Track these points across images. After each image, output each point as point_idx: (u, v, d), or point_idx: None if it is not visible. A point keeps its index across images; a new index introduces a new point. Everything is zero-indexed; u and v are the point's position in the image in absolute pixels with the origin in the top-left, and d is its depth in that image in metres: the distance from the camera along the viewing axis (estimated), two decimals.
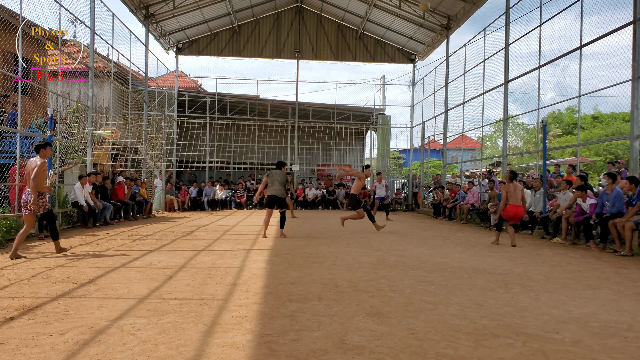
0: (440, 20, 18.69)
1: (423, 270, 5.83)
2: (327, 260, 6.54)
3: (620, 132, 24.25)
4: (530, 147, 30.55)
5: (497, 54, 14.94)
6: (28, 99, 12.37)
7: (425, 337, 3.25)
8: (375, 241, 8.88)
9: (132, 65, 17.02)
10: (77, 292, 4.45)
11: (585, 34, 10.73)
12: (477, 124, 16.71)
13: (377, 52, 23.67)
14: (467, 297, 4.44)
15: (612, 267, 6.39)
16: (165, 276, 5.26)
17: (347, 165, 10.71)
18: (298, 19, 23.24)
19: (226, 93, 22.77)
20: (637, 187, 7.81)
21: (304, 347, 3.02)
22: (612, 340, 3.28)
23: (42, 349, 2.94)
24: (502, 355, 2.95)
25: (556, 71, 14.51)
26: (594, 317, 3.82)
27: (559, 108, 31.86)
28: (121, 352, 2.90)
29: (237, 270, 5.68)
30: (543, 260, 6.89)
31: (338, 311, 3.88)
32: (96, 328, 3.36)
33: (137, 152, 18.15)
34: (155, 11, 18.35)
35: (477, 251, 7.75)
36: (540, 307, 4.11)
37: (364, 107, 24.56)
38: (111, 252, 7.10)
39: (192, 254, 6.99)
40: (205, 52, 23.28)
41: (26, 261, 6.19)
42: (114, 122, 16.35)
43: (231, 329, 3.39)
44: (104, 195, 12.11)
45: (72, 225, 10.98)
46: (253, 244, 8.22)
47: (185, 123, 22.36)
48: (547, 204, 10.51)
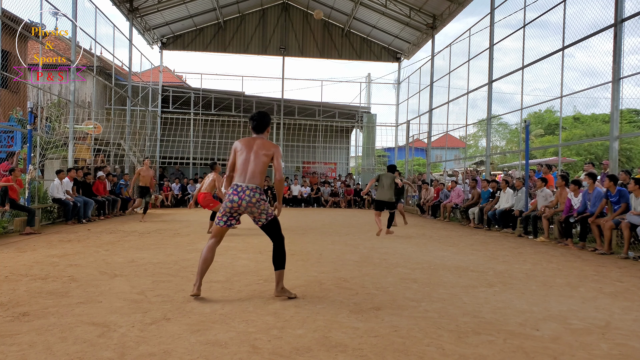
0: (425, 20, 18.80)
1: (406, 268, 5.87)
2: (312, 257, 6.54)
3: (600, 133, 24.69)
4: (512, 146, 30.93)
5: (482, 54, 15.09)
6: (7, 92, 12.13)
7: (408, 335, 3.28)
8: (360, 239, 8.91)
9: (115, 60, 16.79)
10: (57, 289, 4.38)
11: (567, 36, 10.90)
12: (461, 124, 16.88)
13: (363, 50, 23.72)
14: (450, 295, 4.48)
15: (591, 265, 6.51)
16: (148, 273, 5.20)
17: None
18: (284, 15, 23.16)
19: (211, 89, 22.61)
20: (616, 186, 7.96)
21: (287, 345, 3.02)
22: (590, 337, 3.34)
23: (19, 347, 2.88)
24: (483, 352, 2.98)
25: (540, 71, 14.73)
26: (573, 315, 3.89)
27: (540, 108, 32.30)
28: (102, 349, 2.86)
29: (221, 267, 5.65)
30: (524, 258, 6.99)
31: (321, 309, 3.89)
32: (76, 326, 3.30)
33: (120, 148, 17.93)
34: (140, 5, 18.11)
35: (460, 249, 7.82)
36: (521, 305, 4.17)
37: (350, 105, 24.62)
38: (92, 248, 7.00)
39: (174, 250, 6.93)
40: (190, 47, 23.07)
41: (4, 258, 6.07)
42: (97, 117, 16.11)
43: (214, 326, 3.37)
44: (86, 191, 11.93)
45: (53, 221, 10.79)
46: (237, 241, 8.18)
47: (169, 119, 22.17)
48: (529, 203, 10.66)
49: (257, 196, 4.05)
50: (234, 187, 4.10)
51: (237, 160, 4.20)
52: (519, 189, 10.95)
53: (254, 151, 4.16)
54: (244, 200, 4.03)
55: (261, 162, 4.13)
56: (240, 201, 4.04)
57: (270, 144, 4.25)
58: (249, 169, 4.12)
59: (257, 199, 4.05)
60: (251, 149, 4.18)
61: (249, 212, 4.11)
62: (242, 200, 4.03)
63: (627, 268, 6.32)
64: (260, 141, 4.22)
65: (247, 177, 4.09)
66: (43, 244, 7.35)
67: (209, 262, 4.18)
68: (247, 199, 4.03)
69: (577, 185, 8.88)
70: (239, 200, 4.04)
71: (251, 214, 4.13)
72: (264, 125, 4.34)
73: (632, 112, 25.32)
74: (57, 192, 10.67)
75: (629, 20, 9.03)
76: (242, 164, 4.15)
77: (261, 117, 4.34)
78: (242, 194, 4.04)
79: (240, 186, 4.07)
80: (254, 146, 4.19)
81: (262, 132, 4.34)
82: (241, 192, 4.04)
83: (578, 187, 8.87)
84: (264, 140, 4.25)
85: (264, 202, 4.10)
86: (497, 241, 9.13)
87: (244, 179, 4.09)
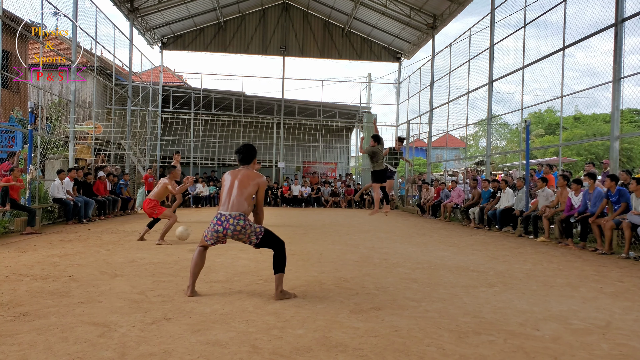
0: (426, 20, 18.79)
1: (407, 268, 5.86)
2: (312, 257, 6.54)
3: (601, 132, 24.69)
4: (513, 146, 30.93)
5: (482, 54, 15.09)
6: (7, 92, 12.15)
7: (409, 335, 3.27)
8: (360, 239, 8.91)
9: (115, 60, 16.80)
10: (58, 289, 4.38)
11: (568, 36, 10.90)
12: (462, 124, 16.87)
13: (364, 50, 23.72)
14: (450, 295, 4.48)
15: (592, 265, 6.50)
16: (148, 273, 5.20)
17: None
18: (284, 15, 23.15)
19: (211, 89, 22.62)
20: (617, 185, 7.96)
21: (288, 345, 3.02)
22: (591, 337, 3.34)
23: (20, 347, 2.89)
24: (484, 352, 2.98)
25: (541, 71, 14.72)
26: (573, 315, 3.89)
27: (541, 108, 32.30)
28: (103, 349, 2.87)
29: (222, 267, 5.65)
30: (525, 258, 6.99)
31: (322, 309, 3.89)
32: (76, 325, 3.31)
33: (120, 148, 17.94)
34: (140, 5, 18.12)
35: (460, 249, 7.82)
36: (521, 305, 4.17)
37: (350, 105, 24.61)
38: (93, 248, 7.00)
39: (175, 250, 6.93)
40: (190, 47, 23.08)
41: (5, 258, 6.08)
42: (97, 117, 16.12)
43: (214, 326, 3.37)
44: (86, 191, 11.93)
45: (53, 221, 10.80)
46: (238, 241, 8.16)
47: (169, 118, 22.19)
48: (530, 203, 10.65)
49: (241, 223, 4.06)
50: (218, 217, 4.12)
51: (223, 190, 4.25)
52: (520, 188, 10.95)
53: (238, 179, 4.20)
54: (229, 230, 4.06)
55: (245, 191, 4.16)
56: (225, 230, 4.07)
57: (255, 174, 4.28)
58: (232, 197, 4.14)
59: (241, 226, 4.06)
60: (235, 178, 4.22)
61: (236, 239, 4.15)
62: (227, 230, 4.06)
63: (628, 268, 6.32)
64: (245, 171, 4.27)
65: (230, 206, 4.11)
66: (44, 244, 7.35)
67: (200, 266, 4.28)
68: (232, 228, 4.05)
69: (578, 185, 8.87)
70: (223, 230, 4.07)
71: (239, 240, 4.17)
72: (250, 157, 4.38)
73: (633, 112, 25.30)
74: (58, 192, 10.68)
75: (629, 20, 9.02)
76: (226, 193, 4.19)
77: (247, 150, 4.38)
78: (226, 223, 4.06)
79: (223, 215, 4.09)
80: (238, 175, 4.24)
81: (248, 163, 4.38)
82: (225, 222, 4.07)
83: (580, 185, 8.86)
84: (249, 171, 4.29)
85: (249, 227, 4.10)
86: (498, 241, 9.13)
87: (227, 208, 4.11)
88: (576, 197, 8.86)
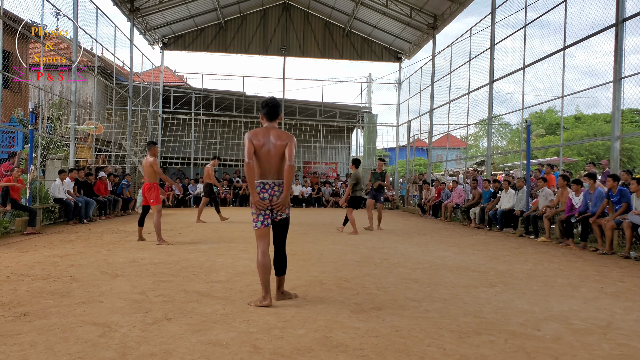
0: (426, 20, 18.78)
1: (407, 268, 5.86)
2: (313, 257, 6.54)
3: (602, 132, 24.68)
4: (513, 146, 30.91)
5: (483, 54, 15.08)
6: (8, 92, 12.15)
7: (409, 335, 3.27)
8: (361, 239, 8.91)
9: (116, 60, 16.81)
10: (59, 289, 4.38)
11: (568, 36, 10.89)
12: (462, 124, 16.87)
13: (364, 50, 23.71)
14: (451, 295, 4.48)
15: (593, 265, 6.50)
16: (149, 273, 5.20)
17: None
18: (285, 15, 23.15)
19: (212, 89, 22.62)
20: (618, 185, 7.96)
21: (288, 345, 3.02)
22: (592, 337, 3.34)
23: (21, 347, 2.89)
24: (484, 352, 2.98)
25: (541, 71, 14.70)
26: (574, 315, 3.89)
27: (541, 108, 32.28)
28: (103, 349, 2.87)
29: (222, 267, 5.65)
30: (525, 258, 6.98)
31: (322, 309, 3.89)
32: (77, 326, 3.31)
33: (121, 148, 17.95)
34: (141, 5, 18.12)
35: (461, 249, 7.82)
36: (522, 305, 4.16)
37: (351, 105, 24.60)
38: (94, 248, 7.00)
39: (176, 250, 6.93)
40: (191, 47, 23.07)
41: (6, 258, 6.08)
42: (98, 117, 16.13)
43: (215, 326, 3.37)
44: (87, 191, 11.94)
45: (54, 221, 10.80)
46: (238, 241, 8.18)
47: (170, 119, 22.19)
48: (530, 203, 10.65)
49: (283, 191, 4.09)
50: (262, 186, 4.05)
51: (259, 153, 4.04)
52: (520, 188, 10.94)
53: (272, 144, 4.03)
54: (275, 197, 4.05)
55: (280, 154, 4.04)
56: (271, 197, 4.04)
57: (285, 134, 4.11)
58: (272, 164, 4.04)
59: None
60: (270, 142, 4.04)
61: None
62: (273, 197, 4.05)
63: (629, 268, 6.31)
64: (275, 132, 4.08)
65: (273, 173, 4.06)
66: (44, 244, 7.35)
67: (268, 268, 4.04)
68: (278, 195, 4.06)
69: (578, 185, 8.87)
70: (269, 197, 4.04)
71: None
72: (277, 112, 4.21)
73: (634, 112, 25.29)
74: (59, 192, 10.69)
75: (630, 20, 9.01)
76: (265, 159, 4.03)
77: (276, 103, 4.21)
78: (272, 190, 4.06)
79: (267, 183, 4.05)
80: (271, 138, 4.05)
81: (275, 119, 4.20)
82: (270, 189, 4.05)
83: (580, 186, 8.86)
84: (278, 131, 4.11)
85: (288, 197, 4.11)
86: (498, 241, 9.12)
87: (271, 175, 4.07)
88: (577, 198, 8.86)
